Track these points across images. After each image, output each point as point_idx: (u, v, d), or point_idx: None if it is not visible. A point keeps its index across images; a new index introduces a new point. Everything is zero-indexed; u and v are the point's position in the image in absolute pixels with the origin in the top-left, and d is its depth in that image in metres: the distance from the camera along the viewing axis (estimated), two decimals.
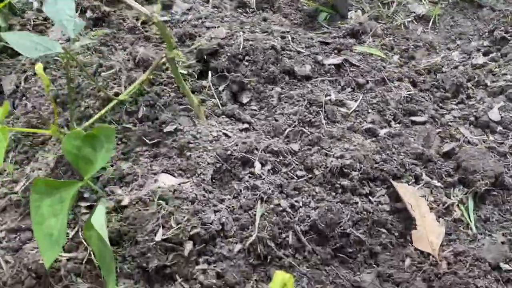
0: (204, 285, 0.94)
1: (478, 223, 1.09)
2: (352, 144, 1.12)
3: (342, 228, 1.02)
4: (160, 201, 0.99)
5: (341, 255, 1.03)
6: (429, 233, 1.05)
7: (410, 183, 1.12)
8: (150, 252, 0.94)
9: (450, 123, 1.25)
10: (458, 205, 1.11)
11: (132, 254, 0.95)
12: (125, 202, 1.01)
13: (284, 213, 1.03)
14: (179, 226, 0.96)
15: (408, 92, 1.28)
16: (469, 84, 1.32)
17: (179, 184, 1.04)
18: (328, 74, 1.29)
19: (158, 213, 0.97)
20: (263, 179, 1.06)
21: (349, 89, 1.26)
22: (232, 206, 1.03)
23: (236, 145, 1.08)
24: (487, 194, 1.11)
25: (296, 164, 1.10)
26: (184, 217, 0.97)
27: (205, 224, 0.98)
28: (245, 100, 1.20)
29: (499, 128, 1.22)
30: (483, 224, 1.09)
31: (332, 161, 1.08)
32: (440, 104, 1.30)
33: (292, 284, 0.90)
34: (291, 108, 1.18)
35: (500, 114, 1.23)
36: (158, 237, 0.95)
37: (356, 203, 1.06)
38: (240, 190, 1.05)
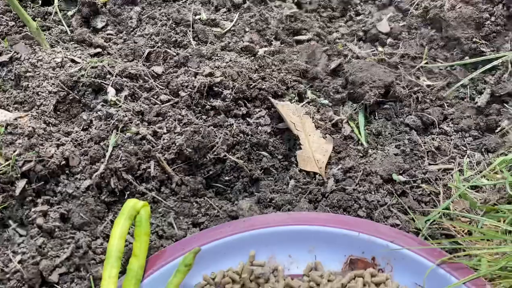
0: (44, 229, 0.78)
1: (370, 138, 0.97)
2: (224, 61, 0.98)
3: (215, 153, 0.88)
4: None
5: (216, 184, 0.89)
6: (314, 151, 0.93)
7: (293, 101, 0.99)
8: None
9: (337, 40, 1.13)
10: (347, 121, 0.99)
11: None
12: None
13: (144, 141, 0.88)
14: (8, 162, 0.79)
15: (291, 11, 1.15)
16: (357, 1, 1.21)
17: (15, 119, 0.86)
18: None
19: None
20: (119, 106, 0.90)
21: (223, 9, 1.12)
22: (80, 139, 0.87)
23: (84, 70, 0.91)
24: (378, 107, 1.00)
25: (160, 88, 0.95)
26: (14, 151, 0.80)
27: (43, 159, 0.81)
28: (99, 24, 1.04)
29: (389, 39, 1.12)
30: (374, 139, 0.97)
31: (199, 80, 0.93)
32: (328, 24, 1.18)
33: (148, 212, 0.76)
34: (153, 28, 1.02)
35: (389, 25, 1.12)
36: None
37: (231, 125, 0.92)
38: (91, 121, 0.89)
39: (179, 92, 0.94)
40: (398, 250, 0.72)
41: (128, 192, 0.84)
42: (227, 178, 0.89)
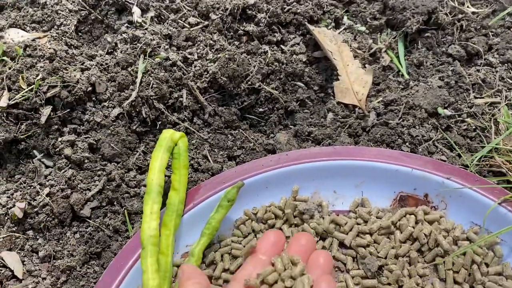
0: (72, 160, 0.72)
1: (410, 68, 0.91)
2: None
3: (249, 83, 0.82)
4: (5, 58, 0.74)
5: (250, 116, 0.84)
6: (353, 82, 0.87)
7: (329, 27, 0.92)
8: None
9: None
10: (386, 51, 0.92)
11: None
12: None
13: (175, 68, 0.81)
14: (31, 87, 0.72)
15: None
16: None
17: (33, 40, 0.79)
18: None
19: (1, 74, 0.73)
20: (145, 28, 0.83)
21: None
22: (106, 63, 0.80)
23: None
24: (419, 36, 0.94)
25: (188, 10, 0.87)
26: (38, 75, 0.73)
27: (68, 85, 0.74)
28: None
29: None
30: (416, 70, 0.91)
31: (232, 1, 0.85)
32: None
33: (186, 143, 0.70)
34: None
35: None
36: (3, 103, 0.71)
37: (266, 52, 0.85)
38: (116, 44, 0.82)
39: (210, 15, 0.86)
40: (454, 188, 0.68)
41: (159, 122, 0.78)
42: (261, 109, 0.84)
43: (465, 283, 0.64)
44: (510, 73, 0.89)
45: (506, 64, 0.90)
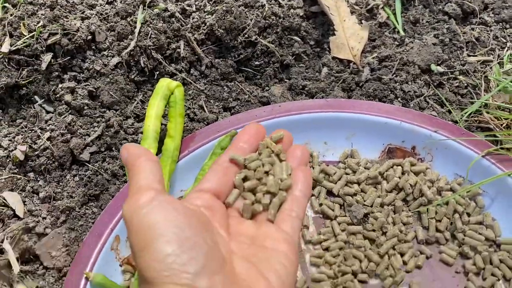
0: (72, 106, 0.75)
1: (406, 26, 0.92)
2: None
3: (246, 36, 0.83)
4: (7, 5, 0.76)
5: (246, 69, 0.85)
6: (349, 38, 0.88)
7: None
8: None
9: None
10: (383, 7, 0.93)
11: None
12: None
13: (173, 19, 0.82)
14: (32, 34, 0.74)
15: None
16: None
17: None
18: None
19: (3, 20, 0.74)
20: None
21: None
22: (106, 13, 0.81)
23: None
24: None
25: None
26: (39, 22, 0.74)
27: (69, 33, 0.76)
28: None
29: None
30: (412, 27, 0.92)
31: None
32: None
33: (182, 93, 0.72)
34: None
35: None
36: (5, 48, 0.73)
37: (263, 6, 0.86)
38: None
39: None
40: (440, 140, 0.70)
41: (157, 72, 0.80)
42: (257, 63, 0.85)
43: (446, 231, 0.67)
44: (504, 32, 0.90)
45: (500, 24, 0.91)
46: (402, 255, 0.66)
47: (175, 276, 0.38)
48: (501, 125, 0.78)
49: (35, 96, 0.76)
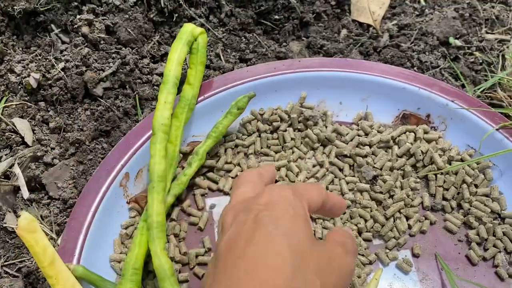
0: (89, 39, 0.73)
1: None
2: None
3: None
4: None
5: (265, 22, 0.84)
6: (371, 2, 0.87)
7: None
8: None
9: None
10: None
11: None
12: None
13: None
14: None
15: None
16: None
17: None
18: None
19: None
20: None
21: None
22: None
23: None
24: None
25: None
26: None
27: None
28: None
29: None
30: None
31: None
32: None
33: (205, 40, 0.71)
34: None
35: None
36: None
37: None
38: None
39: None
40: (456, 110, 0.71)
41: (176, 15, 0.79)
42: (277, 17, 0.84)
43: (452, 200, 0.68)
44: None
45: None
46: (407, 219, 0.67)
47: None
48: None
49: (52, 25, 0.74)
